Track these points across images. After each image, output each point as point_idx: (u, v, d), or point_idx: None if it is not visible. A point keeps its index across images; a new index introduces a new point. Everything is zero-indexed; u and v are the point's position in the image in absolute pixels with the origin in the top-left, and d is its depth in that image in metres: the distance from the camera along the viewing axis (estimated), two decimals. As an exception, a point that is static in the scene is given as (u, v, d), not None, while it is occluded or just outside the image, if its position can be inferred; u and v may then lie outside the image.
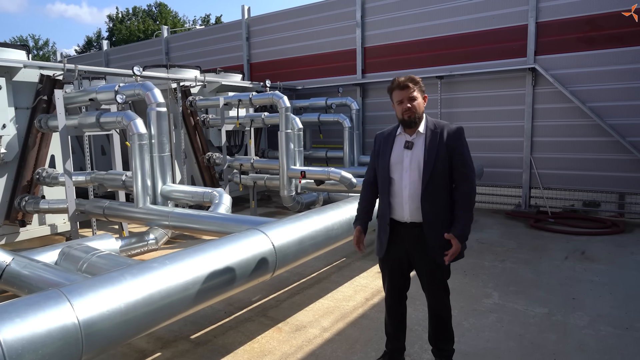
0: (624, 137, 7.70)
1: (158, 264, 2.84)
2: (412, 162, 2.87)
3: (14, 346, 2.07)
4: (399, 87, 2.86)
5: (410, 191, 2.86)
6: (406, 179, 2.88)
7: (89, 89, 6.27)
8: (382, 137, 3.07)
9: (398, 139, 2.98)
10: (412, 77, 2.87)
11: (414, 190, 2.86)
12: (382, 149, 3.02)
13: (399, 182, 2.90)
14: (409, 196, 2.86)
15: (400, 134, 2.98)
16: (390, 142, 2.99)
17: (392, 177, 2.93)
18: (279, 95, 7.68)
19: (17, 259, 3.73)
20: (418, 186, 2.84)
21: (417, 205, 2.85)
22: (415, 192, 2.86)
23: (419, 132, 2.91)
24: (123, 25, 35.19)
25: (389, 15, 10.15)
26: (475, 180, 2.93)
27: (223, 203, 5.28)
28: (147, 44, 16.60)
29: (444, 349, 3.12)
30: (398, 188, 2.91)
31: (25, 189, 6.63)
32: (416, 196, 2.85)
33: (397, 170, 2.91)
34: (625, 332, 3.78)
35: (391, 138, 3.00)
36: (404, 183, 2.89)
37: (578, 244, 6.42)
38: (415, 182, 2.86)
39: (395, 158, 2.93)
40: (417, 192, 2.85)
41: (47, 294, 2.38)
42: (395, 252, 2.99)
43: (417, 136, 2.91)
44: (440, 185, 2.85)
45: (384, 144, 3.02)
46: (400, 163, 2.90)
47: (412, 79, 2.86)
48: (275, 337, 3.86)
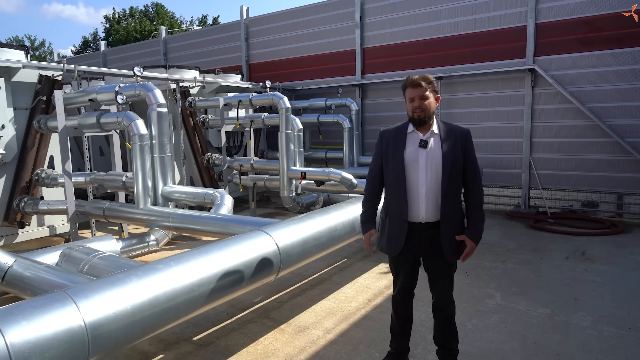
0: (623, 137, 7.74)
1: (163, 265, 2.82)
2: (429, 161, 2.83)
3: (20, 349, 2.06)
4: (412, 85, 2.83)
5: (427, 191, 2.83)
6: (422, 178, 2.83)
7: (88, 90, 6.24)
8: (391, 135, 2.99)
9: (411, 137, 2.92)
10: (425, 76, 2.84)
11: (430, 190, 2.83)
12: (392, 147, 2.94)
13: (415, 181, 2.85)
14: (426, 196, 2.84)
15: (413, 132, 2.91)
16: (401, 140, 2.92)
17: (406, 176, 2.87)
18: (279, 95, 7.67)
19: (19, 260, 3.70)
20: (435, 186, 2.82)
21: (434, 205, 2.84)
22: (432, 192, 2.83)
23: (432, 131, 2.88)
24: (120, 25, 35.10)
25: (388, 16, 10.16)
26: (481, 179, 2.97)
27: (225, 204, 5.26)
28: (145, 44, 16.55)
29: (449, 348, 3.13)
30: (414, 187, 2.86)
31: (24, 190, 6.59)
32: (434, 196, 2.83)
33: (412, 169, 2.85)
34: (628, 332, 3.79)
35: (402, 136, 2.93)
36: (420, 183, 2.84)
37: (578, 244, 6.44)
38: (432, 181, 2.83)
39: (410, 157, 2.87)
40: (435, 192, 2.83)
41: (52, 296, 2.36)
42: (409, 250, 2.98)
43: (431, 135, 2.88)
44: (456, 184, 2.86)
45: (393, 141, 2.94)
46: (416, 162, 2.85)
47: (426, 78, 2.83)
48: (278, 338, 3.84)
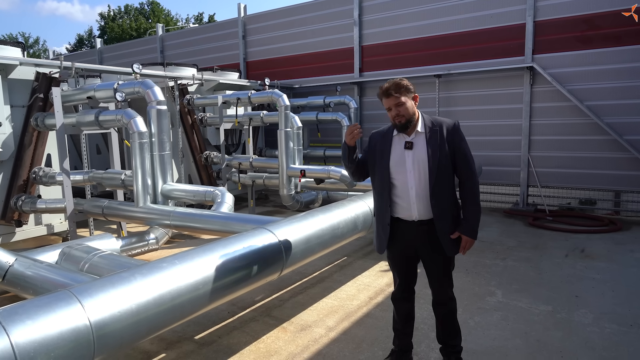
0: (621, 135, 7.77)
1: (167, 263, 2.80)
2: (415, 162, 2.84)
3: (26, 349, 2.03)
4: (384, 95, 2.83)
5: (418, 191, 2.85)
6: (411, 179, 2.85)
7: (86, 87, 6.19)
8: (378, 137, 3.02)
9: (396, 139, 2.93)
10: (396, 83, 2.80)
11: (421, 190, 2.85)
12: (378, 150, 2.97)
13: (404, 183, 2.87)
14: (417, 196, 2.85)
15: (398, 135, 2.93)
16: (387, 143, 2.93)
17: (394, 179, 2.89)
18: (278, 93, 7.64)
19: (20, 259, 3.66)
20: (425, 186, 2.84)
21: (425, 204, 2.85)
22: (422, 192, 2.85)
23: (417, 131, 2.88)
24: (115, 23, 34.85)
25: (387, 13, 10.15)
26: (476, 172, 2.95)
27: (226, 202, 5.24)
28: (142, 42, 16.45)
29: (452, 345, 3.13)
30: (403, 190, 2.88)
31: (21, 189, 6.53)
32: (424, 196, 2.85)
33: (399, 171, 2.87)
34: (630, 329, 3.81)
35: (388, 138, 2.95)
36: (409, 184, 2.85)
37: (577, 241, 6.47)
38: (421, 181, 2.84)
39: (395, 159, 2.89)
40: (425, 192, 2.84)
41: (56, 295, 2.34)
42: (402, 248, 3.00)
43: (416, 135, 2.88)
44: (446, 181, 2.86)
45: (380, 144, 2.97)
46: (403, 164, 2.86)
47: (396, 86, 2.79)
48: (280, 337, 3.83)
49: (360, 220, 4.70)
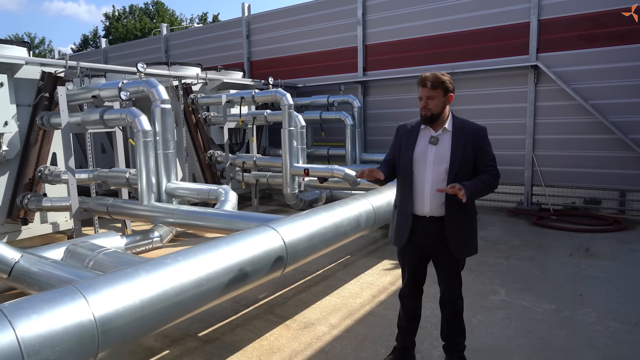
0: (627, 134, 7.72)
1: (171, 260, 2.82)
2: (437, 157, 2.87)
3: (31, 343, 2.05)
4: (420, 83, 2.87)
5: (433, 187, 2.86)
6: (429, 174, 2.88)
7: (91, 86, 6.23)
8: (405, 129, 3.05)
9: (422, 133, 2.97)
10: (435, 77, 2.83)
11: (436, 186, 2.85)
12: (404, 142, 3.00)
13: (421, 176, 2.90)
14: (431, 191, 2.87)
15: (425, 128, 2.97)
16: (414, 136, 2.98)
17: (413, 171, 2.93)
18: (282, 92, 7.65)
19: (26, 256, 3.70)
20: (442, 183, 2.84)
21: (439, 201, 2.87)
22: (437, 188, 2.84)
23: (445, 128, 2.91)
24: (120, 23, 35.00)
25: (390, 12, 10.13)
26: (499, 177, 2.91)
27: (229, 200, 5.25)
28: (146, 41, 16.51)
29: (456, 343, 3.13)
30: (420, 182, 2.91)
31: (27, 187, 6.58)
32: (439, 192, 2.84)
33: (420, 164, 2.91)
34: (634, 328, 3.79)
35: (415, 131, 2.99)
36: (426, 178, 2.88)
37: (581, 241, 6.44)
38: (439, 177, 2.85)
39: (418, 152, 2.93)
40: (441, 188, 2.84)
41: (62, 290, 2.36)
42: (415, 244, 3.00)
43: (442, 132, 2.91)
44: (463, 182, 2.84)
45: (407, 136, 3.01)
46: (424, 157, 2.90)
47: (434, 79, 2.82)
48: (283, 334, 3.85)
49: (364, 218, 4.71)
